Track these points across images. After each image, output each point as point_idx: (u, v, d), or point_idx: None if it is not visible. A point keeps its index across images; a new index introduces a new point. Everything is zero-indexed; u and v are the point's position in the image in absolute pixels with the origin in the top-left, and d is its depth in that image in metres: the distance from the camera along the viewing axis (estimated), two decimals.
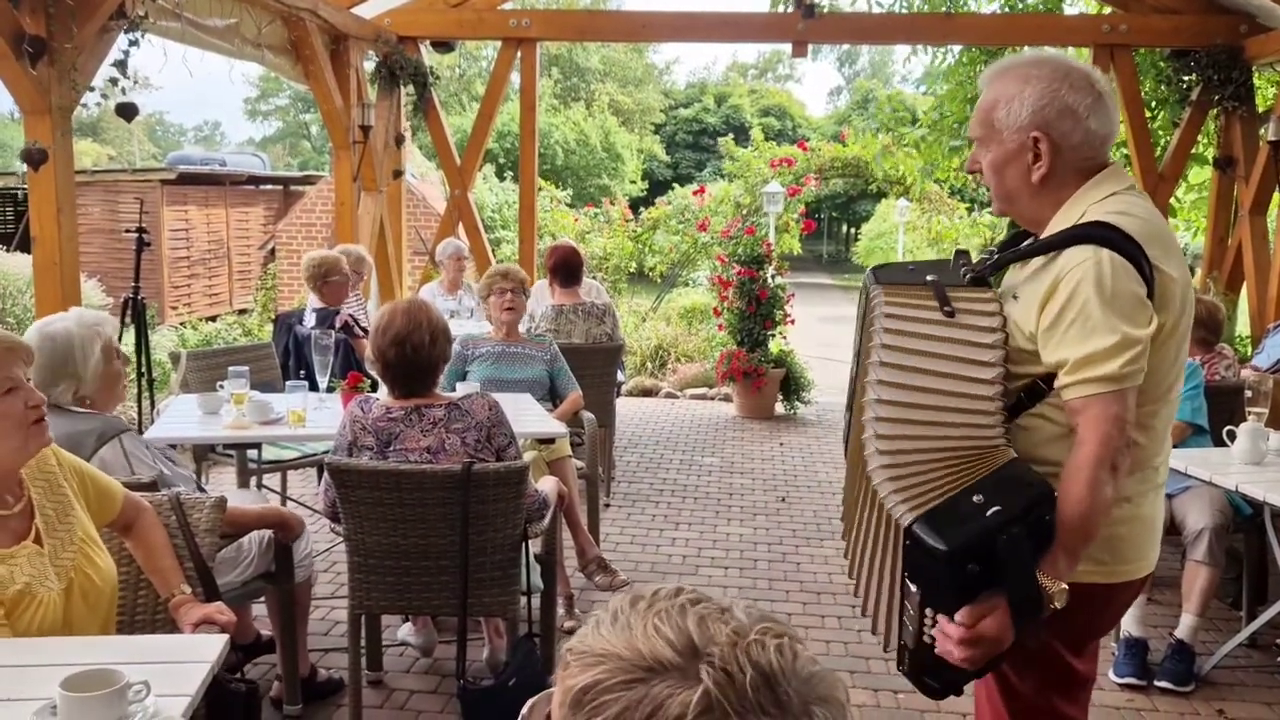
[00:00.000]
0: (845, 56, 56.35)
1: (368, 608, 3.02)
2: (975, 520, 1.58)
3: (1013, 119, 1.79)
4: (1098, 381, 1.65)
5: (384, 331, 2.90)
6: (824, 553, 4.92)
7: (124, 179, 14.82)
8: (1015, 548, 1.58)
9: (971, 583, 1.60)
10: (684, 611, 0.78)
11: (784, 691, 0.73)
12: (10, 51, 4.15)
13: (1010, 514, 1.57)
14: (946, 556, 1.57)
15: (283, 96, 53.60)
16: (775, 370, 8.04)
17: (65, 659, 1.75)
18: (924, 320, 1.79)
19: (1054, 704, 1.90)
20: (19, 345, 2.04)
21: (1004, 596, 1.60)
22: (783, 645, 0.75)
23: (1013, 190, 1.85)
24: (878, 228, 24.54)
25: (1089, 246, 1.68)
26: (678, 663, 0.73)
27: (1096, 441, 1.64)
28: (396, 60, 7.73)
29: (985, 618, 1.60)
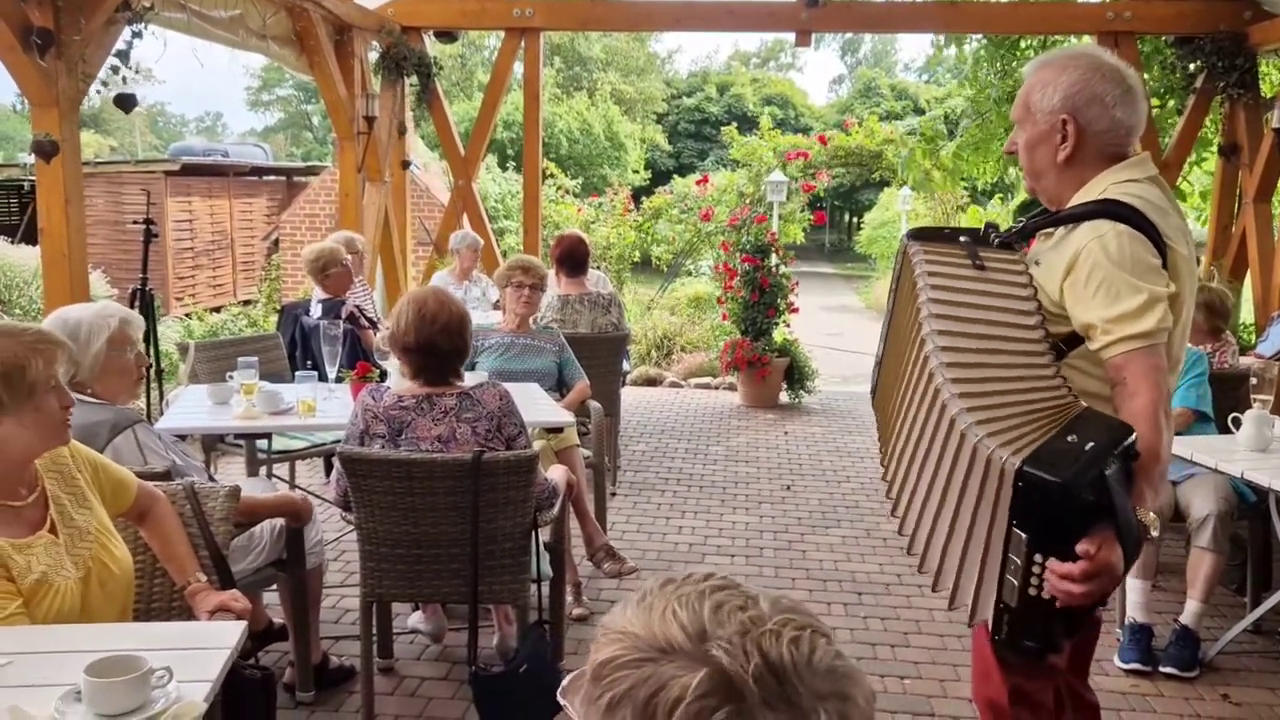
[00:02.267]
0: (847, 45, 56.15)
1: (379, 595, 3.04)
2: (1080, 454, 1.63)
3: (1046, 102, 1.96)
4: (1136, 338, 1.78)
5: (414, 319, 2.91)
6: (829, 540, 4.94)
7: (127, 170, 14.82)
8: (1120, 477, 1.66)
9: (1087, 516, 1.63)
10: (703, 597, 0.79)
11: (793, 686, 0.73)
12: (18, 44, 4.17)
13: (1107, 447, 1.64)
14: (1062, 489, 1.60)
15: (285, 87, 53.51)
16: (779, 359, 8.06)
17: (87, 646, 1.78)
18: (959, 275, 1.92)
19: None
20: (62, 344, 2.08)
21: (1111, 527, 1.64)
22: (800, 638, 0.75)
23: (1040, 169, 2.02)
24: (880, 216, 24.49)
25: (1105, 221, 1.84)
26: (687, 646, 0.75)
27: (1150, 388, 1.76)
28: (400, 51, 7.73)
29: (1100, 549, 1.63)
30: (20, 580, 1.93)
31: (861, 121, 13.41)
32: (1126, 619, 3.65)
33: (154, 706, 1.57)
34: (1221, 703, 3.38)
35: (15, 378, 1.94)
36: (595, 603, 4.09)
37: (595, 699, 0.77)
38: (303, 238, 14.33)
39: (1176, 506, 3.71)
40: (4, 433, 1.97)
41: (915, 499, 1.91)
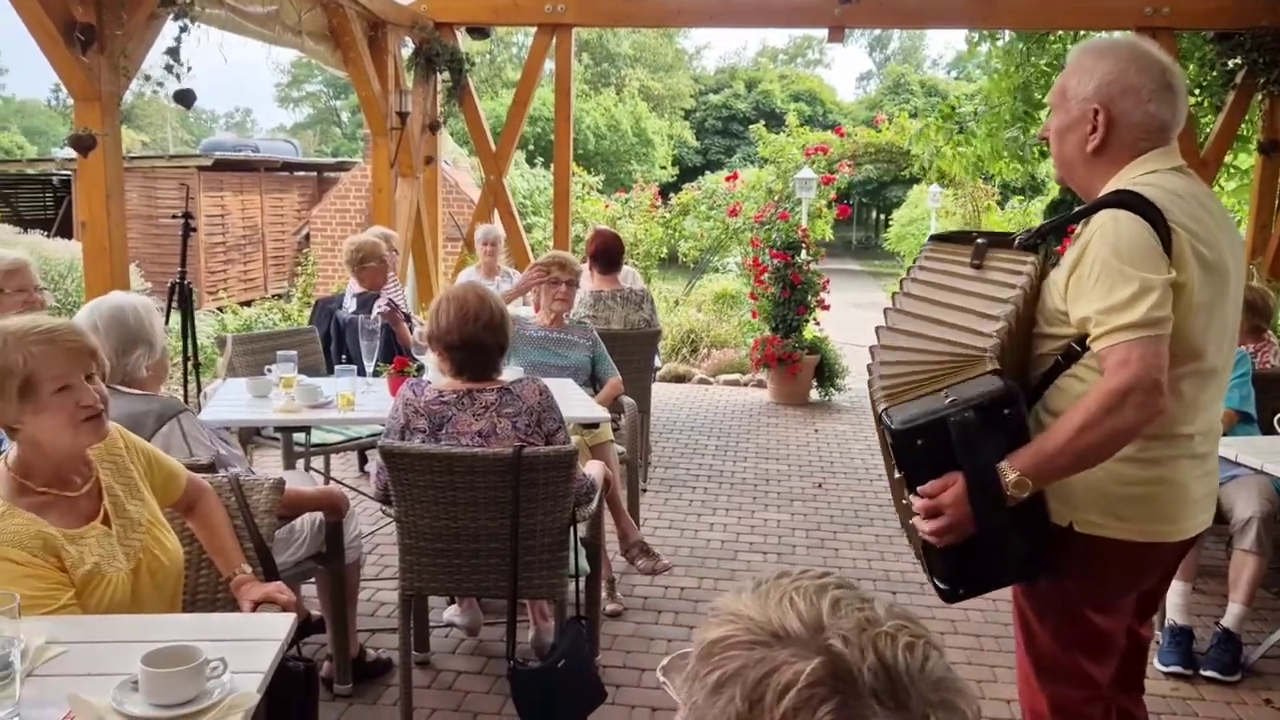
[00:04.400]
0: (876, 41, 55.83)
1: (418, 589, 3.06)
2: (936, 407, 1.76)
3: (1080, 90, 1.93)
4: (1124, 329, 1.73)
5: (455, 318, 2.92)
6: (862, 539, 4.92)
7: (161, 165, 14.97)
8: (965, 428, 1.74)
9: (928, 459, 1.78)
10: (822, 591, 0.80)
11: (904, 688, 0.73)
12: (62, 39, 4.21)
13: (963, 401, 1.74)
14: (900, 433, 1.78)
15: (314, 83, 53.88)
16: (810, 356, 8.03)
17: (140, 636, 1.80)
18: (952, 273, 1.94)
19: (1076, 659, 1.99)
20: (82, 345, 2.04)
21: (961, 475, 1.77)
22: (914, 645, 0.75)
23: (1069, 158, 1.98)
24: (910, 214, 24.32)
25: (1108, 211, 1.81)
26: (802, 635, 0.75)
27: (1115, 377, 1.72)
28: (433, 46, 7.76)
29: (945, 490, 1.78)
30: (73, 571, 1.95)
31: (892, 118, 13.33)
32: (1167, 621, 3.61)
33: (209, 697, 1.58)
34: (1264, 707, 3.34)
35: (4, 381, 1.92)
36: (629, 598, 4.09)
37: (702, 675, 0.78)
38: (333, 233, 14.45)
39: (1219, 508, 3.66)
40: (31, 433, 1.97)
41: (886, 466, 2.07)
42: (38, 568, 1.90)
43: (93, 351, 2.07)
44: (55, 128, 56.66)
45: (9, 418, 1.95)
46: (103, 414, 2.05)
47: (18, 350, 1.93)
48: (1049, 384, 1.91)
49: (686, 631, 3.82)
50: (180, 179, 14.17)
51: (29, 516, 1.93)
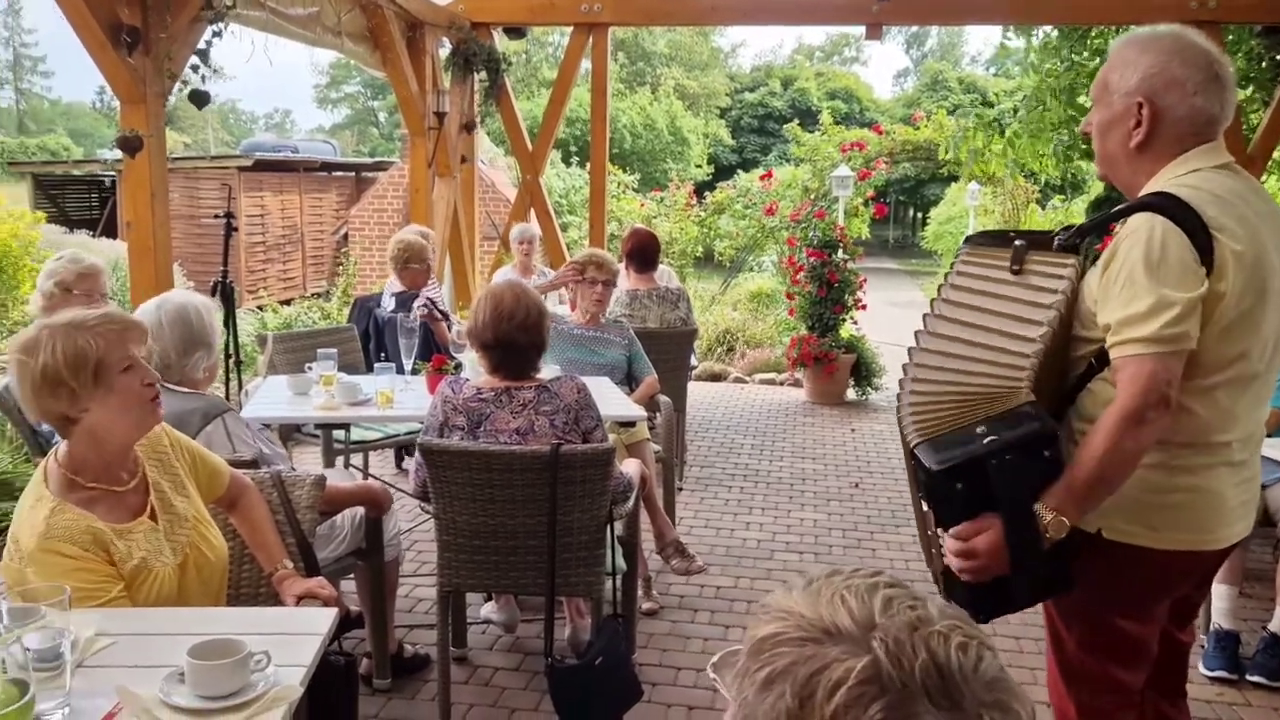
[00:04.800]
0: (913, 38, 55.39)
1: (456, 586, 3.08)
2: (970, 446, 1.72)
3: (1123, 84, 1.87)
4: (1135, 343, 1.71)
5: (491, 316, 2.94)
6: (900, 539, 4.89)
7: (203, 166, 15.18)
8: (1004, 472, 1.70)
9: (964, 501, 1.75)
10: (874, 590, 0.79)
11: (957, 688, 0.73)
12: (109, 42, 4.28)
13: (1003, 443, 1.70)
14: (937, 475, 1.73)
15: (352, 84, 54.43)
16: (846, 355, 7.99)
17: (186, 629, 1.82)
18: (990, 278, 1.90)
19: (1104, 665, 1.96)
20: (136, 325, 2.11)
21: (998, 518, 1.74)
22: (967, 645, 0.75)
23: (1112, 154, 1.93)
24: (947, 212, 24.11)
25: (1144, 214, 1.75)
26: (853, 633, 0.75)
27: (1125, 396, 1.71)
28: (470, 47, 7.80)
29: (979, 534, 1.75)
30: (121, 565, 1.99)
31: (930, 115, 13.21)
32: (1212, 625, 3.55)
33: (253, 690, 1.61)
34: None
35: (78, 365, 1.97)
36: (665, 597, 4.09)
37: (752, 672, 0.78)
38: (371, 232, 14.57)
39: (1266, 510, 3.60)
40: (92, 420, 2.01)
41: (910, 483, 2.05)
42: (88, 561, 1.93)
43: (145, 331, 2.13)
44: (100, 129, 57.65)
45: (78, 405, 1.99)
46: (158, 394, 2.10)
47: (86, 335, 1.99)
48: (1082, 387, 1.88)
49: (723, 630, 3.82)
50: (221, 179, 14.38)
51: (79, 512, 1.97)
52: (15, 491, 4.60)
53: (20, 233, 8.56)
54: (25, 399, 1.99)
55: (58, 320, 2.01)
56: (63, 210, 16.77)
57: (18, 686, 1.37)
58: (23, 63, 66.58)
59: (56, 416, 2.00)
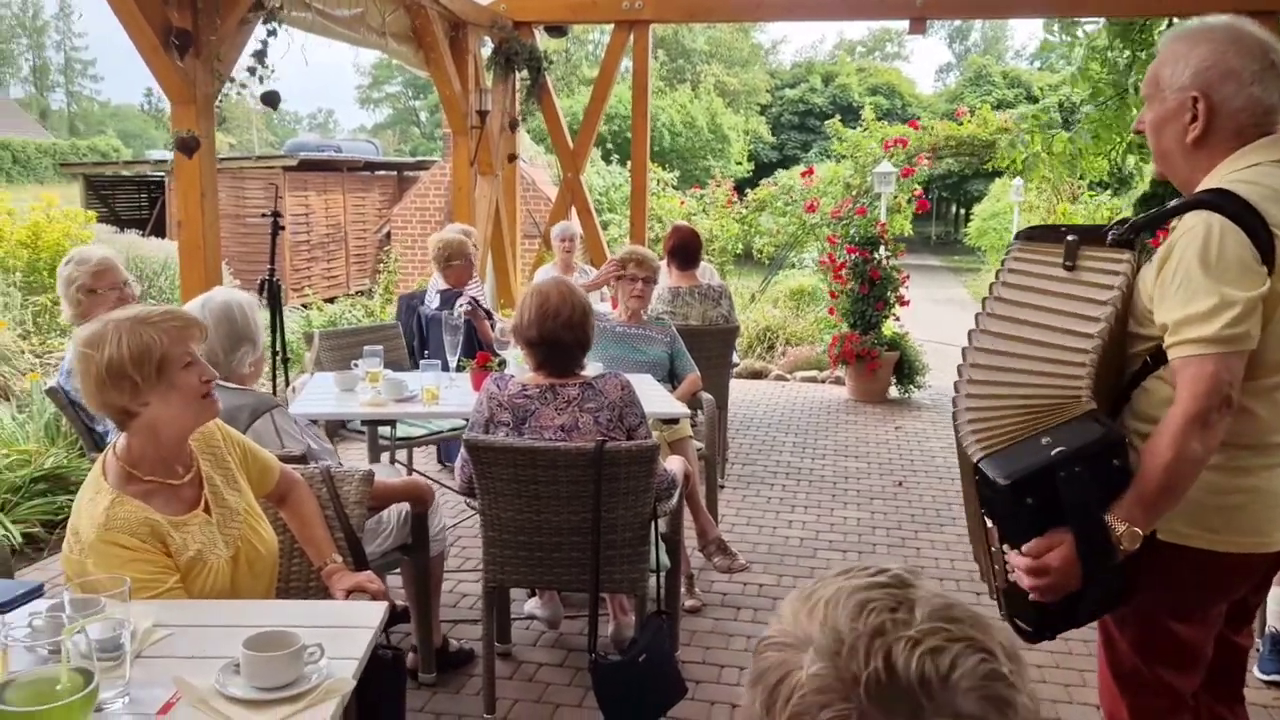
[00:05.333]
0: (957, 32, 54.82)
1: (501, 581, 3.10)
2: (1036, 457, 1.67)
3: (1176, 79, 1.83)
4: (1195, 343, 1.67)
5: (536, 314, 2.95)
6: (944, 539, 4.84)
7: (249, 166, 15.39)
8: (1075, 485, 1.66)
9: (1034, 517, 1.70)
10: (853, 594, 0.78)
11: (912, 696, 0.71)
12: (160, 44, 4.35)
13: (1071, 453, 1.66)
14: (1006, 490, 1.68)
15: (393, 84, 54.95)
16: (889, 353, 7.93)
17: (240, 621, 1.85)
18: (1044, 275, 1.87)
19: (1156, 669, 1.92)
20: (196, 322, 2.16)
21: (1069, 533, 1.69)
22: (943, 650, 0.72)
23: (1168, 150, 1.89)
24: (991, 208, 23.80)
25: (1201, 212, 1.72)
26: (818, 640, 0.76)
27: (1188, 399, 1.67)
28: (511, 45, 7.84)
29: (1051, 550, 1.70)
30: (177, 557, 2.02)
31: (974, 111, 13.05)
32: (1268, 629, 3.48)
33: (307, 681, 1.63)
34: None
35: (144, 359, 2.01)
36: (707, 595, 4.08)
37: (749, 671, 0.81)
38: (413, 231, 14.69)
39: None
40: (152, 414, 2.05)
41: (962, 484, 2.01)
42: (145, 553, 1.97)
43: (204, 329, 2.18)
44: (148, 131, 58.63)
45: (140, 399, 2.03)
46: (213, 391, 2.14)
47: (151, 329, 2.04)
48: (1136, 385, 1.84)
49: (765, 629, 3.80)
50: (266, 179, 14.58)
51: (137, 504, 2.01)
52: (69, 485, 4.71)
53: (73, 232, 8.73)
54: (88, 391, 2.03)
55: (123, 315, 2.06)
56: (113, 210, 17.09)
57: (82, 676, 1.40)
58: (74, 66, 67.97)
59: (117, 409, 2.04)
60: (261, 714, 1.56)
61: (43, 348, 7.60)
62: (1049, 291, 1.84)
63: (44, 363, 7.13)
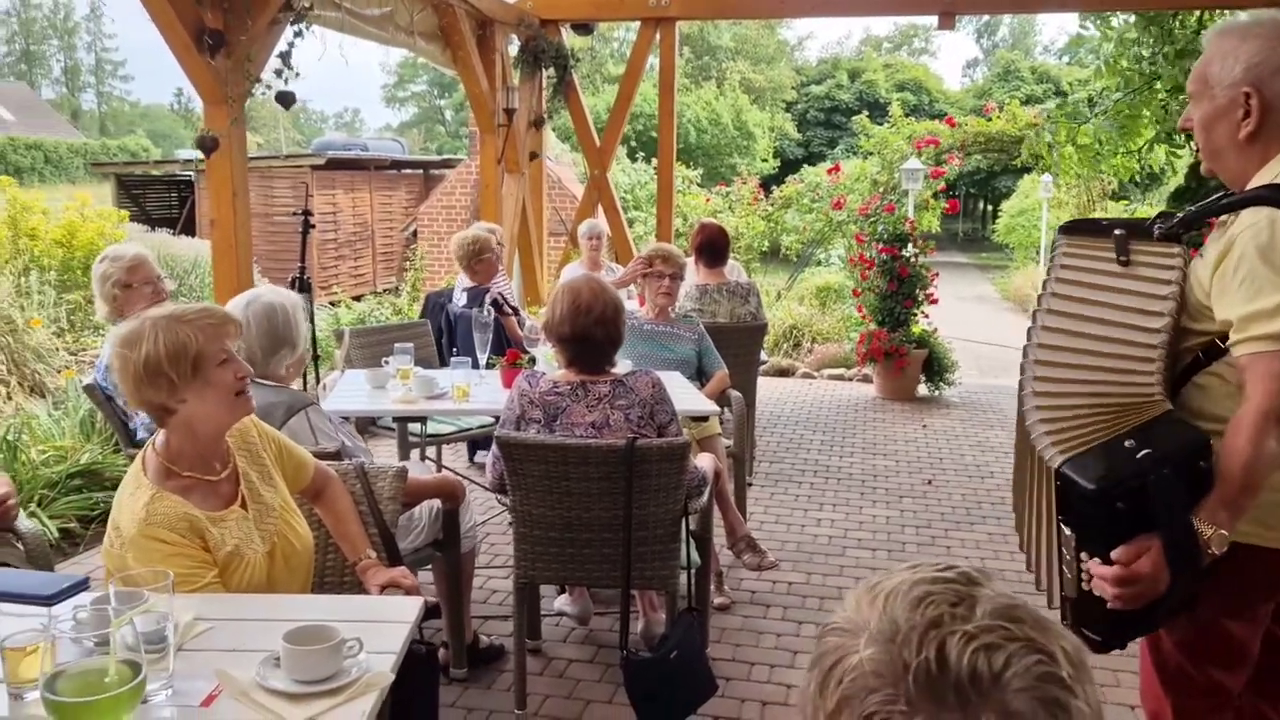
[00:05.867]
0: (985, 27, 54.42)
1: (532, 577, 3.11)
2: (1124, 460, 1.64)
3: (1226, 75, 1.81)
4: (1263, 339, 1.66)
5: (568, 310, 2.96)
6: (975, 537, 4.82)
7: (277, 165, 15.50)
8: (1165, 488, 1.62)
9: (1122, 523, 1.66)
10: (915, 587, 0.79)
11: (962, 690, 0.71)
12: (193, 44, 4.40)
13: (1160, 456, 1.63)
14: (1094, 495, 1.64)
15: (419, 83, 55.23)
16: (917, 351, 7.88)
17: (278, 615, 1.87)
18: (1098, 270, 1.85)
19: (1205, 669, 1.90)
20: (231, 319, 2.18)
21: (1158, 538, 1.65)
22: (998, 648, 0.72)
23: (1220, 147, 1.87)
24: (1020, 204, 23.60)
25: (1262, 208, 1.71)
26: (874, 628, 0.76)
27: (1262, 395, 1.65)
28: (538, 43, 7.86)
29: (1139, 557, 1.65)
30: (215, 552, 2.05)
31: (1003, 106, 12.95)
32: None
33: (346, 675, 1.64)
34: None
35: (180, 358, 2.03)
36: (737, 592, 4.08)
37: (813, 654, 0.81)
38: (440, 229, 14.75)
39: None
40: (189, 411, 2.08)
41: (1017, 485, 2.00)
42: (184, 548, 2.00)
43: (240, 326, 2.19)
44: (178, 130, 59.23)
45: (177, 396, 2.05)
46: (248, 388, 2.16)
47: (187, 328, 2.06)
48: (1186, 380, 1.83)
49: (795, 626, 3.80)
50: (294, 178, 14.68)
51: (176, 499, 2.03)
52: (104, 481, 4.77)
53: (106, 231, 8.83)
54: (126, 388, 2.06)
55: (159, 313, 2.08)
56: (144, 209, 17.27)
57: (130, 667, 1.42)
58: (104, 67, 68.78)
59: (155, 406, 2.06)
60: (302, 707, 1.57)
61: (77, 345, 7.71)
62: (1106, 288, 1.83)
63: (79, 360, 7.23)
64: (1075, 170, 9.09)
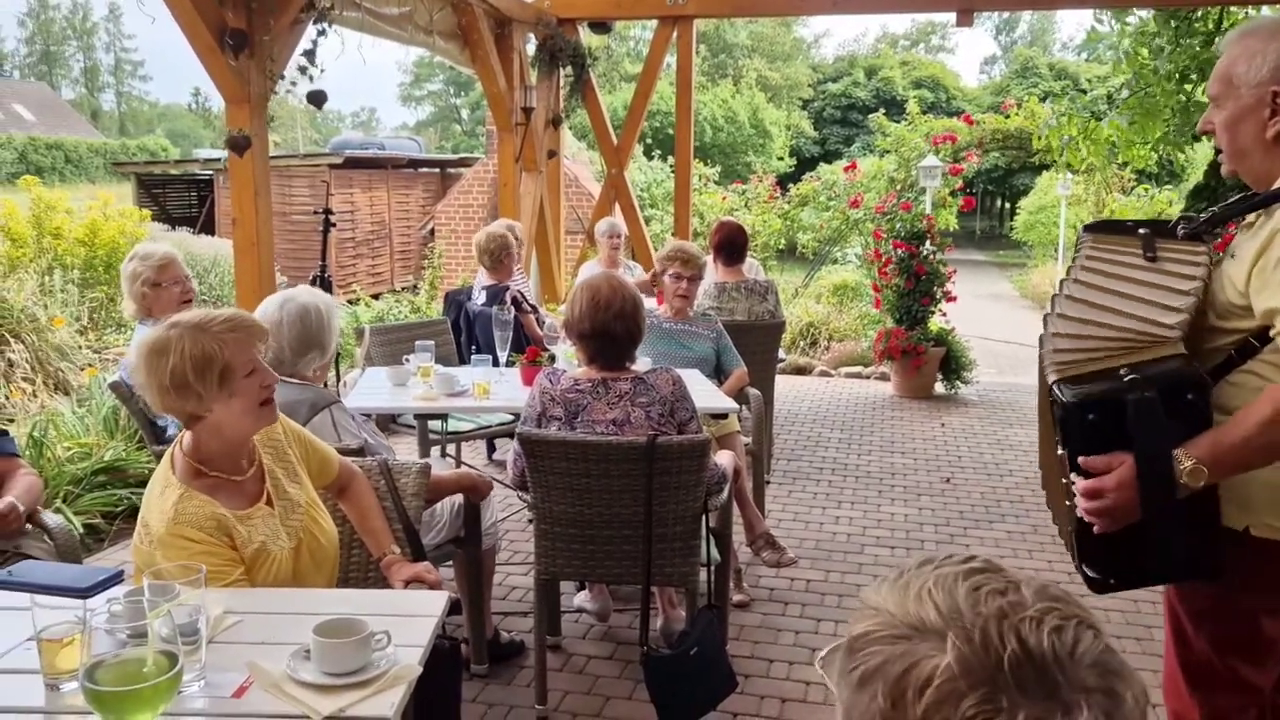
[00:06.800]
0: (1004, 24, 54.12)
1: (553, 574, 3.13)
2: (1114, 382, 1.70)
3: (1253, 75, 1.81)
4: None
5: (588, 306, 2.98)
6: (994, 535, 4.81)
7: (295, 164, 15.59)
8: (1143, 409, 1.67)
9: (1097, 436, 1.71)
10: (961, 578, 0.78)
11: (1050, 675, 0.71)
12: (215, 44, 4.44)
13: (1143, 380, 1.68)
14: (1074, 407, 1.72)
15: (435, 82, 55.38)
16: (935, 349, 7.87)
17: (307, 609, 1.90)
18: (1124, 262, 1.88)
19: (1234, 666, 1.90)
20: (259, 328, 2.20)
21: (1130, 455, 1.70)
22: (1063, 628, 0.73)
23: (1245, 147, 1.86)
24: (1038, 201, 23.49)
25: None
26: (940, 627, 0.74)
27: None
28: (556, 42, 7.88)
29: (1109, 471, 1.71)
30: (243, 549, 2.07)
31: (1021, 103, 12.90)
32: None
33: (375, 668, 1.66)
34: None
35: (207, 370, 2.04)
36: (755, 590, 4.09)
37: (848, 671, 0.78)
38: (457, 227, 14.81)
39: None
40: (216, 419, 2.10)
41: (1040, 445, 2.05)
42: (212, 546, 2.02)
43: (265, 334, 2.21)
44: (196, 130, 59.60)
45: (204, 404, 2.07)
46: (274, 395, 2.18)
47: (213, 339, 2.07)
48: (1219, 379, 1.83)
49: (814, 624, 3.81)
50: (312, 177, 14.77)
51: (204, 498, 2.06)
52: (128, 478, 4.82)
53: (128, 230, 8.92)
54: (152, 398, 2.08)
55: (187, 320, 2.10)
56: (164, 208, 17.41)
57: (167, 658, 1.44)
58: (123, 67, 69.28)
59: (183, 413, 2.09)
60: (331, 698, 1.60)
61: (99, 343, 7.78)
62: (1130, 279, 1.85)
63: (101, 358, 7.30)
64: (1088, 162, 9.04)
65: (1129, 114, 7.83)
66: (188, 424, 2.13)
